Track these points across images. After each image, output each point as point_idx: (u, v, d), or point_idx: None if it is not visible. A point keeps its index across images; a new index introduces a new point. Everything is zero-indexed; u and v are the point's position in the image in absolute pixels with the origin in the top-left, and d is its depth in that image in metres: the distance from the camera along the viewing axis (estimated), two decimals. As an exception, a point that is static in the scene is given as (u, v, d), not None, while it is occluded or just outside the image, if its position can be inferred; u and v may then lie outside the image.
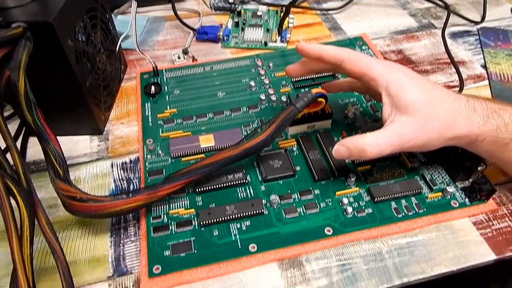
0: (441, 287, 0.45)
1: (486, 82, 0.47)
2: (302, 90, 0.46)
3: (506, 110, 0.31)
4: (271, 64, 0.49)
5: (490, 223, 0.34)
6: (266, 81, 0.46)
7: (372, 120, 0.42)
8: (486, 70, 0.48)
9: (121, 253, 0.33)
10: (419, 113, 0.30)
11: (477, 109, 0.30)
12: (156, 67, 0.47)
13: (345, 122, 0.42)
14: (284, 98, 0.44)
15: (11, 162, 0.29)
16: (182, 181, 0.32)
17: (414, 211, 0.34)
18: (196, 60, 0.51)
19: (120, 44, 0.46)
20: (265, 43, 0.53)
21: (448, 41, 0.52)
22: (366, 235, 0.33)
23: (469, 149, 0.32)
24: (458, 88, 0.44)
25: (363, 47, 0.51)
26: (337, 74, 0.47)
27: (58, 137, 0.31)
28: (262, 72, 0.48)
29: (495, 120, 0.30)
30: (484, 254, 0.32)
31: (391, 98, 0.31)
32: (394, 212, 0.34)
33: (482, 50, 0.51)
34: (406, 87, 0.31)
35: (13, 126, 0.42)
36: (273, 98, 0.44)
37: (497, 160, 0.32)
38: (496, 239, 0.33)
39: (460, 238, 0.33)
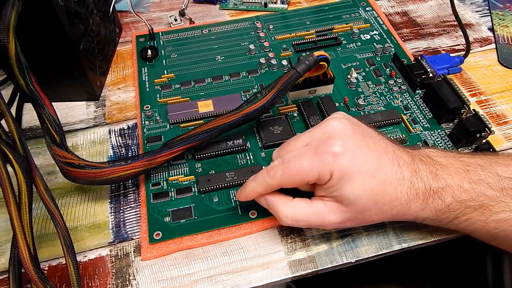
0: (438, 259, 0.46)
1: (493, 45, 0.46)
2: (304, 54, 0.44)
3: (449, 188, 0.27)
4: (271, 27, 0.48)
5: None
6: (266, 45, 0.45)
7: (375, 85, 0.41)
8: (494, 33, 0.47)
9: (121, 220, 0.33)
10: (353, 206, 0.27)
11: (419, 193, 0.27)
12: (152, 30, 0.46)
13: (347, 87, 0.41)
14: (284, 62, 0.43)
15: (7, 129, 0.28)
16: (181, 147, 0.32)
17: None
18: (194, 22, 0.49)
19: (113, 5, 0.44)
20: (265, 4, 0.51)
21: (456, 2, 0.50)
22: (367, 201, 0.33)
23: None
24: (464, 52, 0.43)
25: (367, 8, 0.50)
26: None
27: (53, 103, 0.30)
28: (262, 35, 0.46)
29: (433, 203, 0.27)
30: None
31: (326, 187, 0.27)
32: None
33: (490, 12, 0.50)
34: (346, 178, 0.26)
35: (7, 92, 0.41)
36: (274, 62, 0.43)
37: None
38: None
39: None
